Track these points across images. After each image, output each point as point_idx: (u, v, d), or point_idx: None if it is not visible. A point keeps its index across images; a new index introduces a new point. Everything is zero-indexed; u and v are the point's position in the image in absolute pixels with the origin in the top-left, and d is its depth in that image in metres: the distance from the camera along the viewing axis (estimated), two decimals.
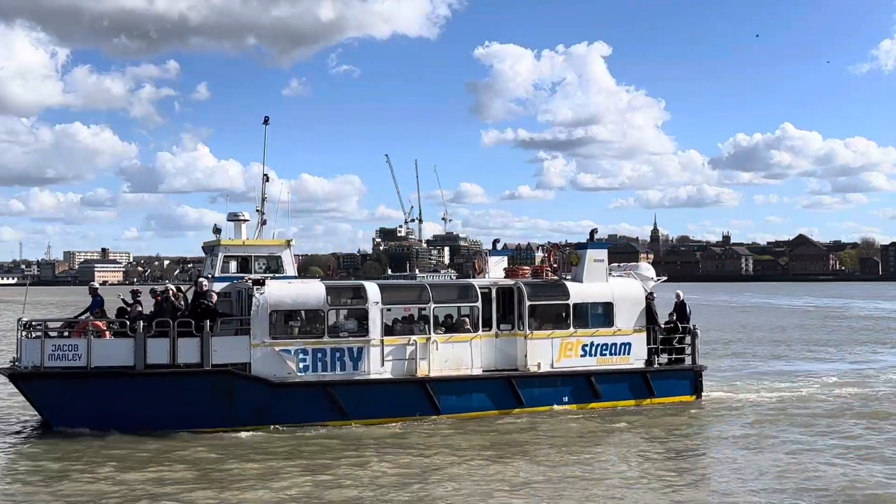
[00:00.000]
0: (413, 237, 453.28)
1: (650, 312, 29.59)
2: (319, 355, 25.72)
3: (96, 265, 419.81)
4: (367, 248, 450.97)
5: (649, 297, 29.94)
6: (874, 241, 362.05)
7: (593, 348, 28.70)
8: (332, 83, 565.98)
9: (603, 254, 29.69)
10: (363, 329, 26.30)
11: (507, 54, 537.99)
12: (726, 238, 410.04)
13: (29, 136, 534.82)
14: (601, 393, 28.41)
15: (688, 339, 30.37)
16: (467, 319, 27.78)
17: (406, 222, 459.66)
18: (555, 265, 30.66)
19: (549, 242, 33.05)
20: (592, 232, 30.31)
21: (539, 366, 27.87)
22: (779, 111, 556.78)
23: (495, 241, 32.87)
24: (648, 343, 29.43)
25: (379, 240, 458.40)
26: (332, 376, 25.79)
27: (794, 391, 32.38)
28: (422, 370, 26.56)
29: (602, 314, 29.19)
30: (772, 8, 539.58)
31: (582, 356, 28.53)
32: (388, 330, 26.68)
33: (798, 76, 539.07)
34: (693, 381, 29.90)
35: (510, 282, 29.02)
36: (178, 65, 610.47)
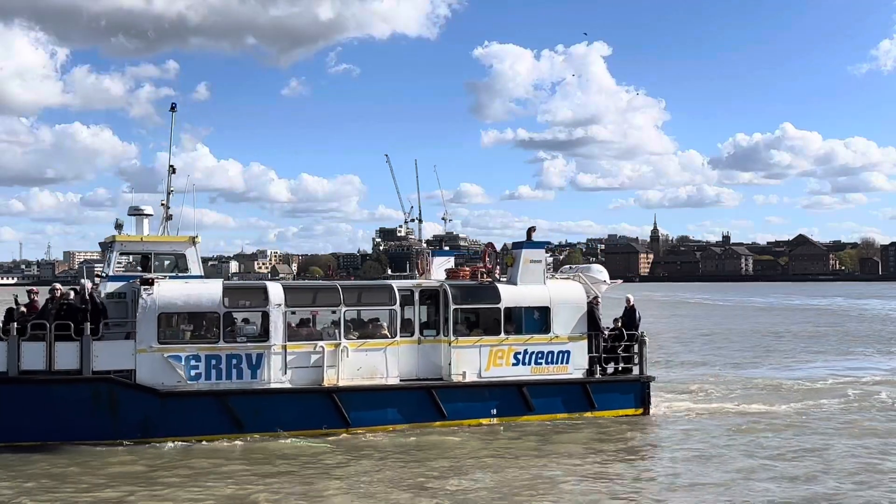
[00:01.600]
0: (413, 237, 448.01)
1: (592, 318, 27.08)
2: (213, 362, 23.26)
3: (96, 265, 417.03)
4: (367, 248, 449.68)
5: (592, 302, 27.45)
6: (874, 241, 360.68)
7: (527, 356, 26.19)
8: (331, 82, 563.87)
9: (539, 254, 27.17)
10: (264, 334, 23.85)
11: (507, 54, 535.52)
12: (726, 238, 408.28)
13: (29, 136, 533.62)
14: (534, 405, 25.89)
15: (636, 348, 27.83)
16: (384, 324, 25.31)
17: (406, 222, 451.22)
18: (490, 266, 28.17)
19: (487, 243, 30.44)
20: (529, 230, 27.76)
21: (464, 375, 25.39)
22: (779, 111, 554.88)
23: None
24: (590, 351, 26.93)
25: (379, 240, 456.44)
26: (228, 385, 23.33)
27: (755, 403, 29.80)
28: (329, 379, 24.09)
29: (538, 319, 26.69)
30: (771, 8, 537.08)
31: (514, 365, 26.03)
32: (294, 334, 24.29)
33: (798, 76, 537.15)
34: (639, 393, 27.35)
35: (435, 283, 26.57)
36: (177, 65, 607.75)
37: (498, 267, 28.73)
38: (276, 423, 23.40)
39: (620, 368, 27.70)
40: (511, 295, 26.36)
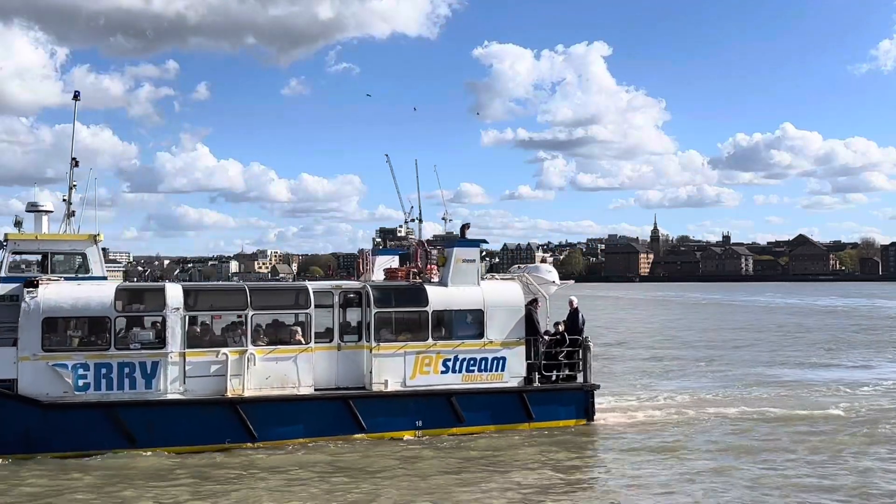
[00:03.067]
0: (413, 237, 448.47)
1: (531, 322, 25.09)
2: (104, 371, 21.28)
3: None
4: (368, 247, 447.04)
5: (531, 304, 25.47)
6: (874, 241, 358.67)
7: (458, 363, 24.19)
8: (331, 82, 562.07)
9: (473, 253, 25.16)
10: (160, 340, 21.87)
11: (507, 54, 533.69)
12: (726, 238, 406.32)
13: (28, 136, 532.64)
14: (465, 417, 23.89)
15: (579, 354, 25.78)
16: (299, 329, 23.31)
17: (406, 222, 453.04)
18: (420, 266, 26.19)
19: (418, 241, 28.33)
20: (463, 227, 25.78)
21: (386, 384, 23.40)
22: (779, 111, 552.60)
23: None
24: (529, 358, 24.94)
25: (379, 240, 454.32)
26: (119, 396, 21.35)
27: (708, 410, 27.74)
28: (234, 389, 22.10)
29: (470, 323, 24.70)
30: (771, 8, 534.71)
31: (443, 373, 24.03)
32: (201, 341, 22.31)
33: (798, 76, 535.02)
34: (582, 403, 25.33)
35: (357, 285, 24.59)
36: (176, 64, 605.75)
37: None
38: (172, 437, 21.42)
39: (563, 376, 25.74)
40: (440, 297, 24.36)
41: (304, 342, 22.97)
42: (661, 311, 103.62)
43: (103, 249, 24.23)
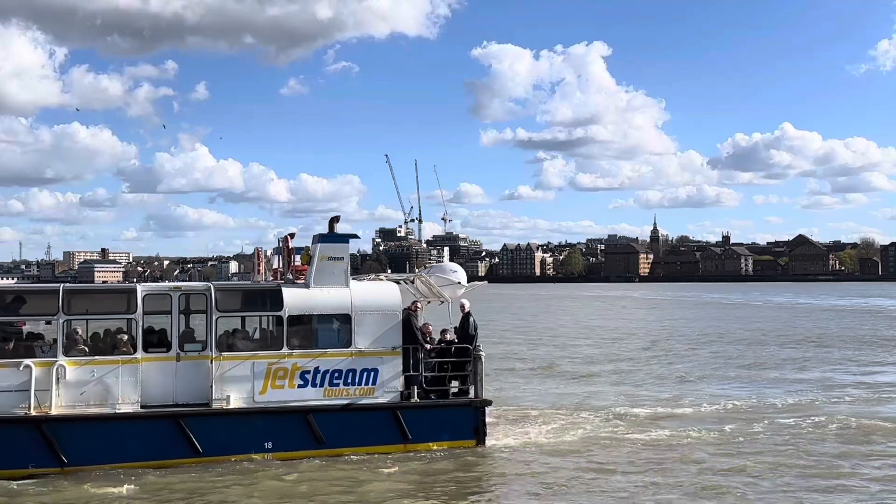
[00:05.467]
0: (413, 237, 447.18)
1: (409, 329, 21.89)
2: None
3: (96, 265, 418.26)
4: (367, 248, 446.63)
5: (410, 308, 22.31)
6: (874, 241, 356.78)
7: (319, 376, 21.00)
8: (330, 82, 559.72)
9: (342, 249, 21.97)
10: None
11: (506, 54, 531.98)
12: (726, 238, 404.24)
13: (28, 136, 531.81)
14: (325, 438, 20.71)
15: (476, 365, 22.51)
16: (125, 336, 20.13)
17: (406, 222, 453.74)
18: (281, 266, 23.04)
19: (284, 236, 24.83)
20: (332, 220, 22.58)
21: (228, 400, 20.23)
22: (778, 111, 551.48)
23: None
24: (407, 370, 21.76)
25: (379, 240, 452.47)
26: None
27: (620, 427, 24.52)
28: (39, 407, 18.94)
29: (336, 330, 21.52)
30: (770, 8, 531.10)
31: (300, 387, 20.84)
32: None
33: (797, 76, 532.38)
34: (471, 421, 22.06)
35: (201, 286, 21.42)
36: (175, 64, 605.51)
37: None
38: None
39: (457, 390, 22.57)
40: (299, 300, 21.18)
41: (130, 352, 19.80)
42: (680, 312, 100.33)
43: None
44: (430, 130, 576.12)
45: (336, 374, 21.09)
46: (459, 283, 24.29)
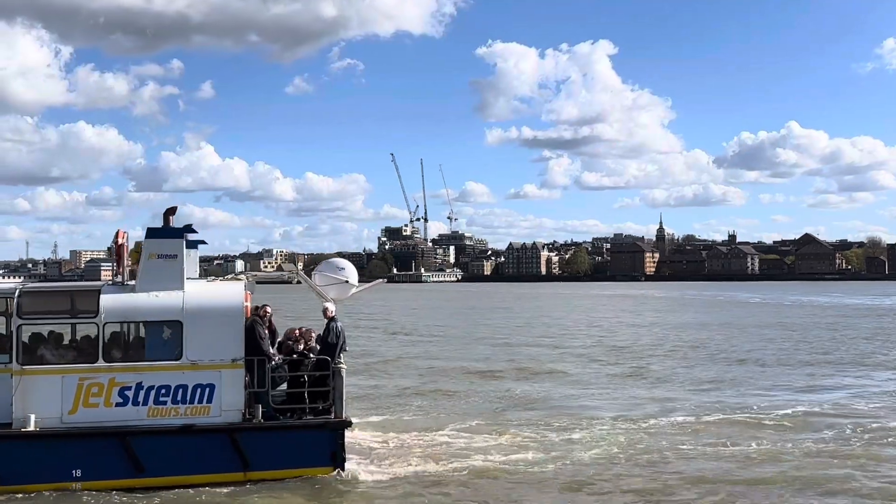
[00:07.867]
0: (418, 236, 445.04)
1: (253, 338, 19.12)
2: None
3: (102, 264, 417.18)
4: (373, 247, 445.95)
5: (257, 314, 19.58)
6: (881, 240, 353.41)
7: (142, 393, 18.24)
8: (335, 80, 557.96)
9: (174, 246, 19.14)
10: None
11: (511, 53, 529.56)
12: (732, 237, 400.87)
13: (34, 136, 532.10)
14: (146, 465, 17.97)
15: (336, 380, 19.70)
16: None
17: (411, 221, 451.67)
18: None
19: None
20: (167, 212, 19.73)
21: (30, 420, 17.56)
22: (784, 110, 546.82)
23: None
24: (251, 386, 19.00)
25: (384, 239, 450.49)
26: None
27: (518, 453, 21.69)
28: None
29: (165, 339, 18.80)
30: (776, 6, 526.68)
31: (119, 405, 18.11)
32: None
33: (803, 75, 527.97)
34: (327, 446, 19.20)
35: (7, 289, 18.72)
36: (181, 63, 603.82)
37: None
38: None
39: (314, 409, 19.76)
40: (119, 305, 18.46)
41: None
42: (705, 315, 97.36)
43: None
44: (435, 129, 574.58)
45: (163, 391, 18.35)
46: (347, 281, 21.50)
